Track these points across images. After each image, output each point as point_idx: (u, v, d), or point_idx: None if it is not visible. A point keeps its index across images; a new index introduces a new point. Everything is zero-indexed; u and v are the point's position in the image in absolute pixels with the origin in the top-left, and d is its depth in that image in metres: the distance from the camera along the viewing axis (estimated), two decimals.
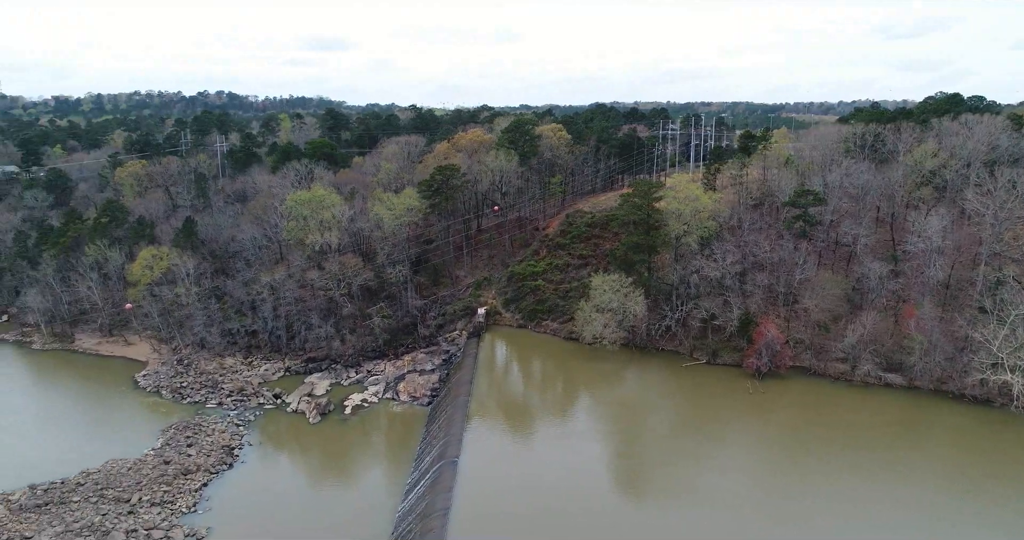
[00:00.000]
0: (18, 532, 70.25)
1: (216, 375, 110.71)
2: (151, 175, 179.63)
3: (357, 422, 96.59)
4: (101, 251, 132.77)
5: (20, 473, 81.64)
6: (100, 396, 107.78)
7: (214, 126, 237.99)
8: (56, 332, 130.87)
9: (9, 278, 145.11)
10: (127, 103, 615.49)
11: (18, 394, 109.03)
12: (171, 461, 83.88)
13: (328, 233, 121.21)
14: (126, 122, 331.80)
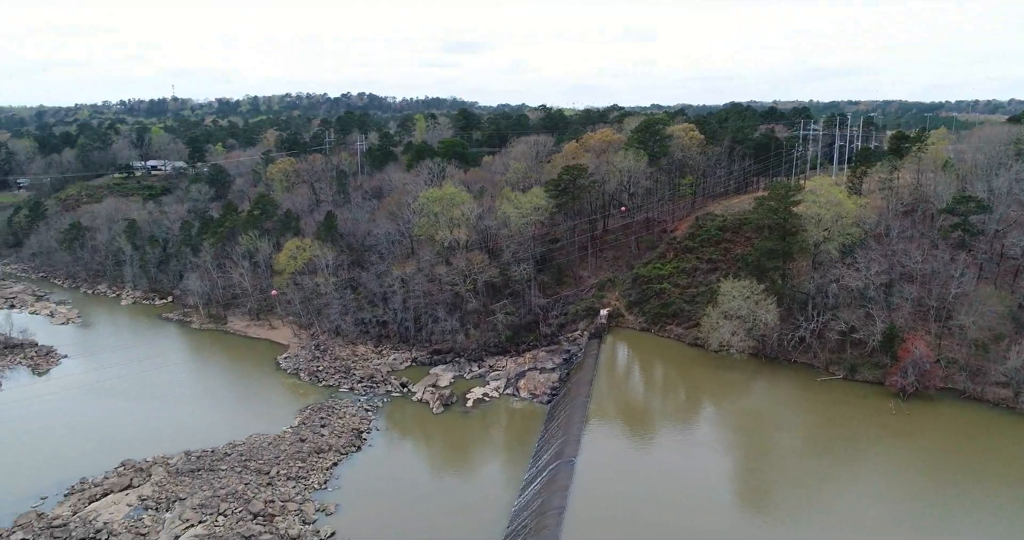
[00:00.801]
0: (175, 492, 77.51)
1: (349, 361, 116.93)
2: (298, 171, 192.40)
3: (478, 415, 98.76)
4: (253, 241, 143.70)
5: (178, 439, 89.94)
6: (246, 375, 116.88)
7: (355, 126, 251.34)
8: (212, 314, 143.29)
9: (175, 263, 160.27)
10: (279, 104, 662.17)
11: (179, 368, 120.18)
12: (306, 439, 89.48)
13: (457, 230, 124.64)
14: (278, 122, 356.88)
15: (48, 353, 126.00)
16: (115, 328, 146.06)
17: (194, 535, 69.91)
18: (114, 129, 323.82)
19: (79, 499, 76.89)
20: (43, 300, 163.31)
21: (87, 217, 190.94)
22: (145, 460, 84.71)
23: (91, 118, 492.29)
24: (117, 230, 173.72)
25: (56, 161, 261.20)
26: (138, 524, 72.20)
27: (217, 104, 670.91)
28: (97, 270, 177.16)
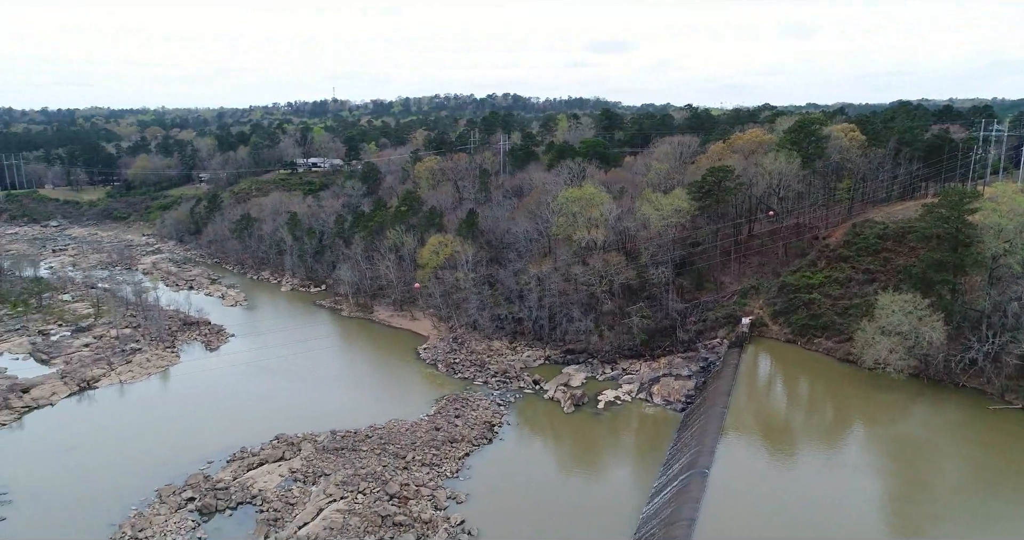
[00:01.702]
0: (320, 468, 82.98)
1: (484, 356, 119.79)
2: (443, 170, 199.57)
3: (608, 418, 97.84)
4: (399, 236, 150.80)
5: (325, 419, 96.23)
6: (389, 362, 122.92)
7: (499, 126, 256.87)
8: (359, 303, 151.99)
9: (329, 254, 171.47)
10: (428, 105, 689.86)
11: (328, 352, 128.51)
12: (441, 428, 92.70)
13: (595, 230, 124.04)
14: (426, 122, 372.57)
15: (219, 331, 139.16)
16: (275, 312, 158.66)
17: (336, 509, 74.43)
18: (281, 129, 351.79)
19: (239, 466, 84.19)
20: (216, 283, 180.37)
21: (255, 209, 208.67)
22: (296, 435, 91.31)
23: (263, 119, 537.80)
24: (280, 222, 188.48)
25: (232, 158, 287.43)
26: (287, 494, 77.96)
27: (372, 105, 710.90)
28: (262, 258, 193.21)
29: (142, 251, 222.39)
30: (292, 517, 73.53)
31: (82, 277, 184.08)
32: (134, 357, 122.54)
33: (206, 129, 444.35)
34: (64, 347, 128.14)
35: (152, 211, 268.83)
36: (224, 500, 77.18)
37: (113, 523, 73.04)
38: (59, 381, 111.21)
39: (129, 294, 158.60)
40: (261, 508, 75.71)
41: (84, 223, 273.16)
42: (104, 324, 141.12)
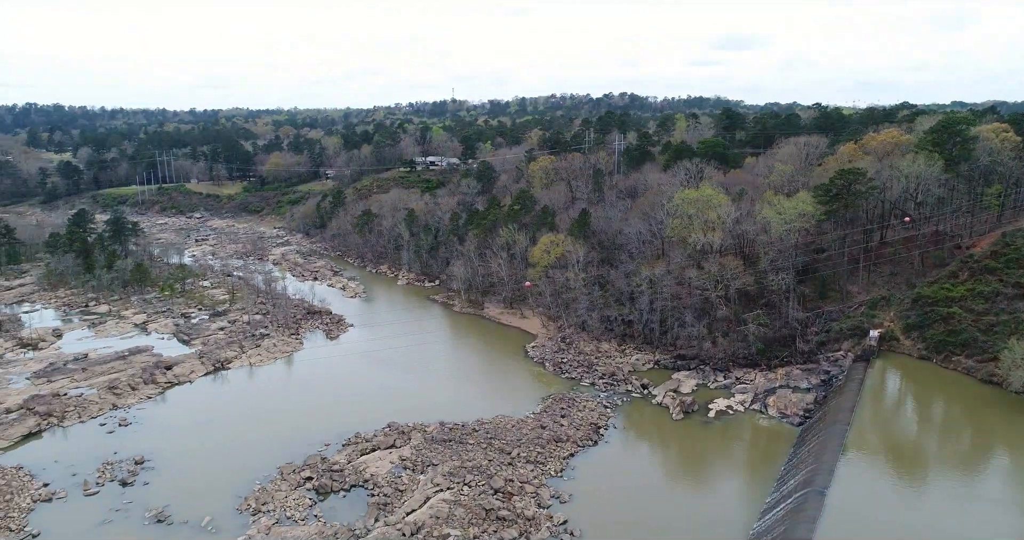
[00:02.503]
0: (429, 458, 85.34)
1: (592, 357, 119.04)
2: (557, 169, 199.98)
3: (719, 427, 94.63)
4: (511, 234, 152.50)
5: (434, 410, 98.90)
6: (497, 359, 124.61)
7: (614, 126, 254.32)
8: (471, 299, 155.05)
9: (443, 250, 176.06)
10: (544, 105, 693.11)
11: (440, 346, 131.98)
12: (546, 427, 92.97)
13: (711, 233, 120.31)
14: (542, 122, 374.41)
15: (339, 321, 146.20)
16: (391, 305, 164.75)
17: (442, 499, 76.30)
18: (402, 128, 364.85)
19: (353, 450, 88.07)
20: (338, 275, 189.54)
21: (376, 205, 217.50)
22: (407, 425, 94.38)
23: (385, 118, 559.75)
24: (398, 218, 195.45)
25: (356, 156, 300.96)
26: (397, 480, 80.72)
27: (489, 105, 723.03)
28: (380, 252, 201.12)
29: (273, 243, 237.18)
30: (401, 503, 76.07)
31: (220, 265, 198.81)
32: (262, 342, 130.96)
33: (333, 128, 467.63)
34: (202, 329, 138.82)
35: (283, 205, 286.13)
36: (339, 482, 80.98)
37: (240, 495, 78.36)
38: (197, 360, 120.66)
39: (260, 283, 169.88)
40: (372, 492, 78.88)
41: (223, 215, 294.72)
42: (237, 310, 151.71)
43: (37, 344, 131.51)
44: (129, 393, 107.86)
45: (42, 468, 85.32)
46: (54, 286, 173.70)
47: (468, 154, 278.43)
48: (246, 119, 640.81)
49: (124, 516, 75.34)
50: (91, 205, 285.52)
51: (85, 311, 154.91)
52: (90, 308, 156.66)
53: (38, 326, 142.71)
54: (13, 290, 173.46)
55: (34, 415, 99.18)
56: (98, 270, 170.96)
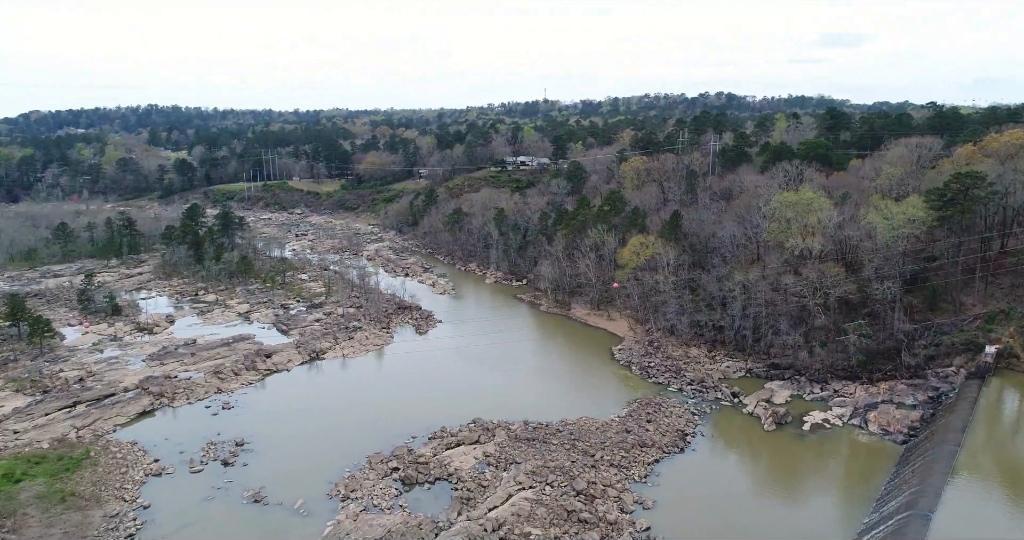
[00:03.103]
0: (512, 456, 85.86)
1: (680, 362, 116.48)
2: (649, 170, 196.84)
3: (814, 441, 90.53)
4: (600, 235, 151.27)
5: (519, 408, 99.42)
6: (583, 360, 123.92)
7: (710, 126, 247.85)
8: (558, 299, 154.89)
9: (532, 250, 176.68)
10: (637, 105, 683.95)
11: (525, 345, 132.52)
12: (631, 431, 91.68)
13: (810, 238, 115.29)
14: (634, 122, 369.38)
15: (428, 317, 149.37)
16: (478, 302, 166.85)
17: (524, 497, 76.57)
18: (494, 128, 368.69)
19: (438, 444, 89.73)
20: (428, 272, 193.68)
21: (467, 204, 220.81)
22: (492, 422, 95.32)
23: (477, 119, 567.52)
24: (488, 217, 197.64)
25: (448, 155, 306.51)
26: (480, 476, 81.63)
27: (581, 105, 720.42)
28: (470, 250, 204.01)
29: (367, 239, 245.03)
30: (483, 499, 76.87)
31: (317, 260, 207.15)
32: (355, 334, 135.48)
33: (427, 128, 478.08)
34: (300, 320, 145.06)
35: (377, 203, 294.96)
36: (424, 474, 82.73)
37: (330, 481, 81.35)
38: (294, 350, 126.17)
39: (355, 277, 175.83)
40: (456, 486, 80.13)
41: (322, 212, 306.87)
42: (333, 303, 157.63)
43: (152, 329, 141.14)
44: (232, 378, 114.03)
45: (153, 445, 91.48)
46: (168, 275, 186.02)
47: (559, 154, 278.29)
48: (345, 119, 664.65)
49: (225, 494, 79.71)
50: (203, 200, 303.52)
51: (195, 299, 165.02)
52: (199, 297, 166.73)
53: (153, 312, 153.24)
54: (133, 278, 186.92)
55: (148, 395, 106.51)
56: (207, 261, 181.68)
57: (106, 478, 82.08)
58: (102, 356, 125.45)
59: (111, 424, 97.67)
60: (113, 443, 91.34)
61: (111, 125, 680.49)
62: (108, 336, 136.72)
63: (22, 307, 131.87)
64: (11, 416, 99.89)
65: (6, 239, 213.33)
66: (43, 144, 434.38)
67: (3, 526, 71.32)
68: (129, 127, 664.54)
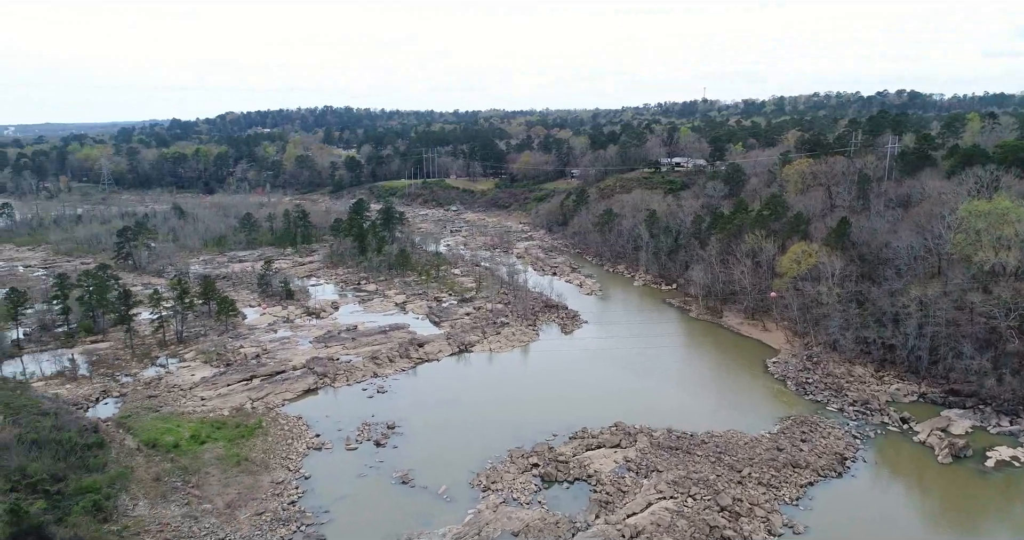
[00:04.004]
0: (654, 463, 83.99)
1: (842, 380, 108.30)
2: (815, 173, 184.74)
3: (1000, 480, 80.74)
4: (758, 240, 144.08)
5: (662, 415, 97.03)
6: (732, 370, 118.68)
7: (888, 127, 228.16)
8: (709, 305, 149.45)
9: (683, 254, 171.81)
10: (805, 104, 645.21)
11: (671, 350, 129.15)
12: (783, 449, 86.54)
13: (1005, 252, 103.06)
14: (801, 122, 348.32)
15: (574, 316, 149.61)
16: (625, 305, 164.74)
17: (665, 507, 74.62)
18: (649, 129, 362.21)
19: (579, 445, 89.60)
20: (576, 272, 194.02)
21: (617, 205, 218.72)
22: (634, 426, 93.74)
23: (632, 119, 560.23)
24: (639, 219, 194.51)
25: (601, 156, 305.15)
26: (620, 481, 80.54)
27: (743, 105, 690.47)
28: (619, 252, 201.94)
29: (518, 237, 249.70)
30: (622, 504, 75.79)
31: (470, 256, 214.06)
32: (503, 330, 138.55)
33: (581, 129, 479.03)
34: (451, 313, 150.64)
35: (529, 202, 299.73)
36: (563, 473, 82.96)
37: (473, 470, 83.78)
38: (445, 341, 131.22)
39: (504, 274, 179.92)
40: (595, 488, 79.61)
41: (476, 209, 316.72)
42: (482, 298, 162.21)
43: (319, 313, 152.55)
44: (387, 364, 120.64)
45: (315, 421, 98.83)
46: (335, 264, 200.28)
47: (716, 155, 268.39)
48: (502, 119, 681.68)
49: (376, 472, 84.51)
50: (368, 195, 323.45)
51: (357, 288, 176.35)
52: (361, 286, 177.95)
53: (321, 298, 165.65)
54: (305, 266, 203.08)
55: (313, 374, 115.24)
56: (370, 253, 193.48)
57: (274, 447, 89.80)
58: (276, 336, 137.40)
59: (280, 399, 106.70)
60: (281, 416, 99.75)
61: (292, 125, 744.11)
62: (281, 318, 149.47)
63: (213, 288, 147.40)
64: (200, 384, 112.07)
65: (202, 226, 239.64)
66: (235, 142, 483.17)
67: (189, 481, 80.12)
68: (307, 127, 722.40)
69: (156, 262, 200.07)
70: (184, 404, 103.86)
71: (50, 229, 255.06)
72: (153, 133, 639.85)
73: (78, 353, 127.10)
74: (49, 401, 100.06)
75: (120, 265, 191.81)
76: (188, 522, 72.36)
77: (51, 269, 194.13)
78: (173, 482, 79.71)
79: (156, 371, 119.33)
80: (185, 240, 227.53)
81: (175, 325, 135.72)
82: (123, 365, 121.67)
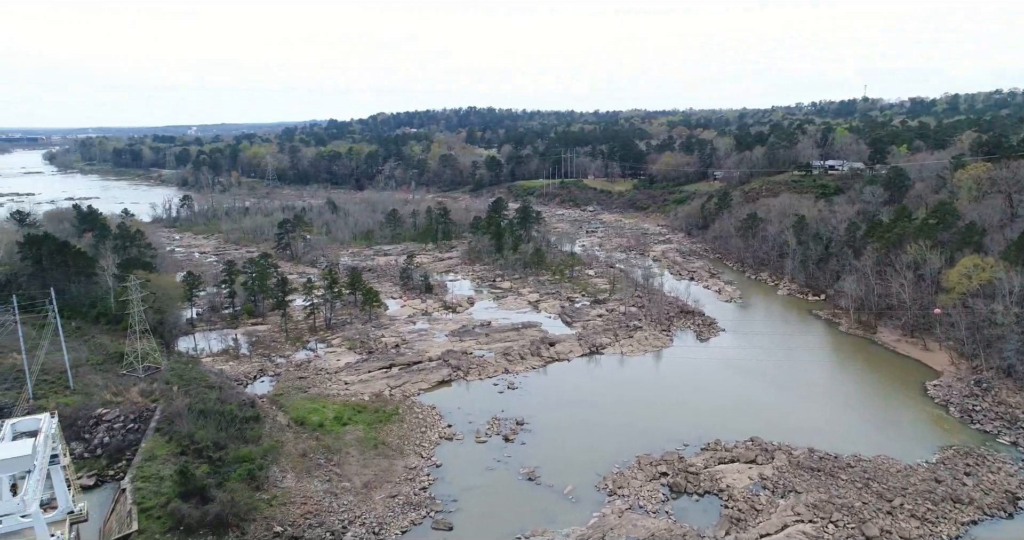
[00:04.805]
0: (792, 483, 79.33)
1: (1017, 410, 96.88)
2: (994, 179, 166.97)
3: None
4: (922, 251, 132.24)
5: (803, 434, 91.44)
6: (885, 391, 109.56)
7: None
8: (861, 319, 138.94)
9: (834, 263, 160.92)
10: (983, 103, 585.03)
11: (816, 366, 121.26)
12: (943, 481, 78.86)
13: None
14: (978, 122, 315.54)
15: (711, 324, 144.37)
16: (766, 314, 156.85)
17: (802, 530, 70.35)
18: (801, 129, 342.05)
19: (711, 457, 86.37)
20: (715, 278, 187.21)
21: (763, 209, 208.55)
22: (771, 443, 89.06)
23: (783, 119, 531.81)
24: (786, 224, 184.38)
25: (747, 157, 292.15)
26: (754, 498, 76.79)
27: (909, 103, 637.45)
28: (762, 258, 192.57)
29: (655, 240, 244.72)
30: (755, 523, 72.28)
31: (604, 257, 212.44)
32: (635, 333, 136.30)
33: (726, 129, 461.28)
34: (583, 314, 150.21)
35: (668, 204, 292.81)
36: (693, 484, 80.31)
37: (598, 473, 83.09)
38: (576, 342, 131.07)
39: (639, 277, 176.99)
40: (726, 503, 76.45)
41: (612, 210, 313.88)
42: (615, 300, 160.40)
43: (455, 308, 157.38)
44: (518, 361, 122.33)
45: (448, 411, 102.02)
46: (472, 261, 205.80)
47: (876, 158, 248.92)
48: (643, 119, 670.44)
49: (503, 467, 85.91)
50: (506, 194, 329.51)
51: (492, 285, 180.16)
52: (496, 283, 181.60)
53: (458, 293, 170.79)
54: (444, 261, 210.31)
55: (447, 366, 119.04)
56: (506, 251, 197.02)
57: (409, 434, 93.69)
58: (414, 328, 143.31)
59: (416, 388, 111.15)
60: (417, 405, 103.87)
61: (437, 125, 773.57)
62: (420, 311, 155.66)
63: (360, 279, 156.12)
64: (344, 369, 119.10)
65: (352, 221, 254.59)
66: (384, 142, 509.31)
67: (331, 460, 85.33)
68: (451, 127, 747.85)
69: (310, 253, 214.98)
70: (329, 387, 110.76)
71: (222, 220, 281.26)
72: (312, 133, 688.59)
73: (240, 333, 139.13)
74: (215, 376, 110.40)
75: (279, 254, 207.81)
76: (328, 498, 77.08)
77: (221, 256, 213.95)
78: (317, 459, 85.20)
79: (306, 354, 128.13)
80: (336, 233, 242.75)
81: (325, 312, 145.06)
82: (278, 347, 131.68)
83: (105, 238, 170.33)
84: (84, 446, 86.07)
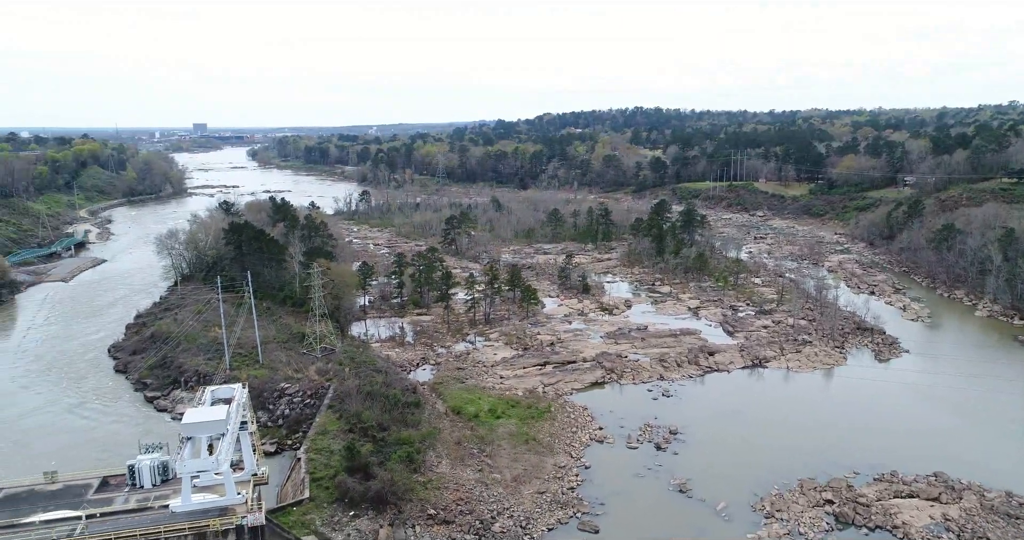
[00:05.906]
0: (983, 529, 70.48)
1: None
2: None
3: None
4: None
5: (999, 474, 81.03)
6: None
7: None
8: None
9: None
10: None
11: (1018, 398, 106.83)
12: None
13: None
14: None
15: (892, 343, 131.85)
16: (960, 337, 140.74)
17: None
18: (1013, 130, 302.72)
19: (885, 489, 78.99)
20: (899, 293, 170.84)
21: (962, 220, 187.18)
22: (959, 480, 79.87)
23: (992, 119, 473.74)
24: (990, 237, 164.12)
25: (944, 162, 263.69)
26: (938, 538, 69.29)
27: None
28: (959, 275, 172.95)
29: (831, 249, 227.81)
30: None
31: (773, 265, 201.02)
32: (803, 348, 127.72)
33: (921, 130, 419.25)
34: (746, 324, 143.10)
35: (848, 211, 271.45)
36: (863, 516, 73.89)
37: (755, 493, 78.84)
38: (737, 352, 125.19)
39: (811, 288, 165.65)
40: None
41: (784, 216, 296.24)
42: (783, 311, 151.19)
43: (612, 310, 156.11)
44: (674, 368, 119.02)
45: (599, 414, 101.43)
46: (631, 263, 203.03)
47: None
48: (823, 120, 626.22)
49: (654, 475, 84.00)
50: (670, 197, 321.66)
51: (651, 289, 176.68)
52: (655, 287, 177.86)
53: (615, 295, 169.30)
54: (602, 262, 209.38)
55: (601, 368, 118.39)
56: (667, 254, 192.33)
57: (560, 433, 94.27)
58: (570, 327, 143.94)
59: (569, 387, 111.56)
60: (569, 404, 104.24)
61: (602, 125, 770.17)
62: (576, 311, 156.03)
63: (519, 276, 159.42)
64: (500, 363, 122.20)
65: (514, 219, 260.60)
66: (549, 142, 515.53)
67: (484, 450, 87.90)
68: (616, 127, 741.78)
69: (473, 249, 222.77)
70: (485, 379, 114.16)
71: (395, 214, 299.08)
72: (480, 132, 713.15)
73: (406, 322, 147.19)
74: (382, 361, 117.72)
75: (445, 249, 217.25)
76: (479, 487, 79.45)
77: (392, 248, 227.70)
78: (471, 448, 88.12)
79: (465, 346, 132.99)
80: (499, 230, 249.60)
81: (484, 307, 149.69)
82: (440, 337, 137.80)
83: (294, 228, 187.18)
84: (268, 416, 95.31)
